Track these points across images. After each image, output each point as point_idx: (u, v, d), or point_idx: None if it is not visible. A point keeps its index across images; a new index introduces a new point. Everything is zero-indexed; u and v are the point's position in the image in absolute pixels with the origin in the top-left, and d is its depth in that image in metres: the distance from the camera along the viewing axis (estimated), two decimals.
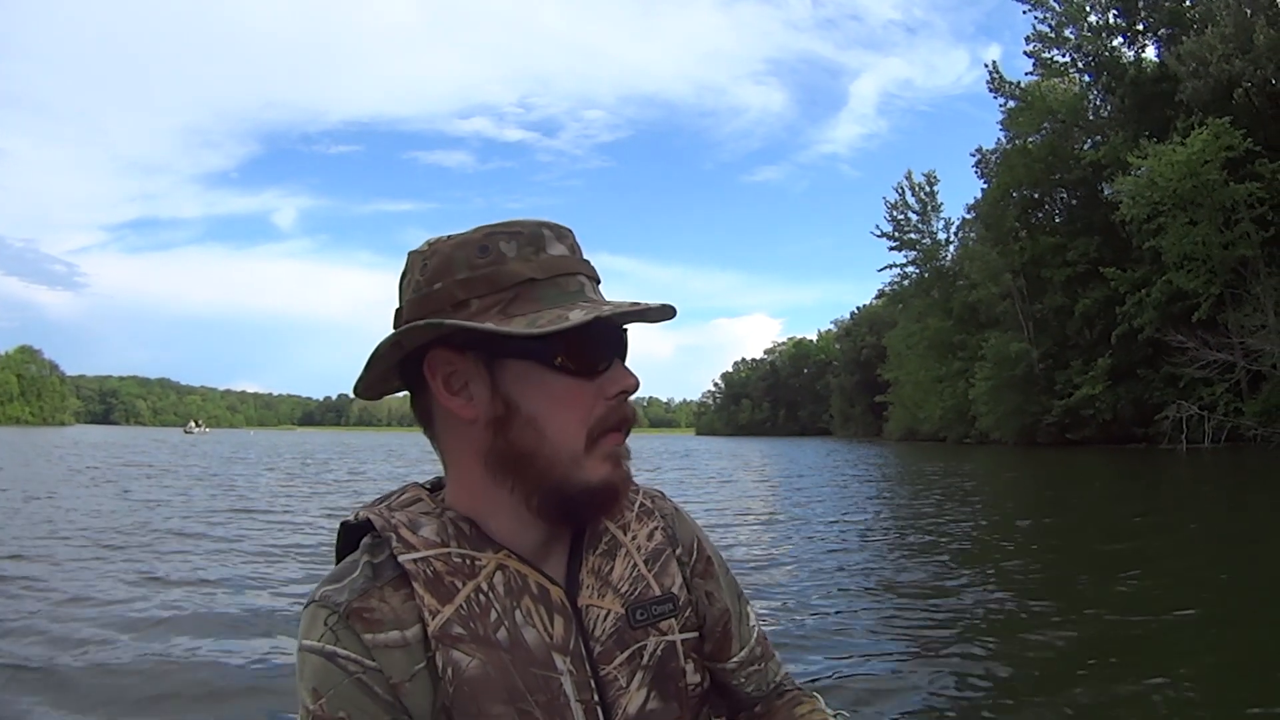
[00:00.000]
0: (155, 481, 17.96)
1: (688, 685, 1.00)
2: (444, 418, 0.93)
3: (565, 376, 0.89)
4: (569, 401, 0.89)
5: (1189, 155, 28.00)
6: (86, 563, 7.50)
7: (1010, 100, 43.43)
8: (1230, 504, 13.86)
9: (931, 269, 57.03)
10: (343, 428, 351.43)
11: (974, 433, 48.30)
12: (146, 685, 4.13)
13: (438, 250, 0.92)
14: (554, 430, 0.89)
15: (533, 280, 0.88)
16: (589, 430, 0.89)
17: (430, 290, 0.90)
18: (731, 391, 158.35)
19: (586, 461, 0.89)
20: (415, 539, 0.89)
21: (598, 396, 0.90)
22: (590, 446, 0.89)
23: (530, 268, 0.89)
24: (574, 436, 0.89)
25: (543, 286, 0.89)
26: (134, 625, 5.24)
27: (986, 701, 3.89)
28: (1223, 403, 29.64)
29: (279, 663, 4.39)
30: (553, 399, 0.89)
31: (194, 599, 6.00)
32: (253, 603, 5.97)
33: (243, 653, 4.66)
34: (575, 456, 0.89)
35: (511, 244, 0.90)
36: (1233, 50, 28.37)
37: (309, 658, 0.84)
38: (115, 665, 4.44)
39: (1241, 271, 29.96)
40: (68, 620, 5.36)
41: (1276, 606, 5.64)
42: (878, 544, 9.26)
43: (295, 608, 4.87)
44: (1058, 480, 19.45)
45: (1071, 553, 8.41)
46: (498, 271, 0.89)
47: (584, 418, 0.89)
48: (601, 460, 0.90)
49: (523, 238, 0.91)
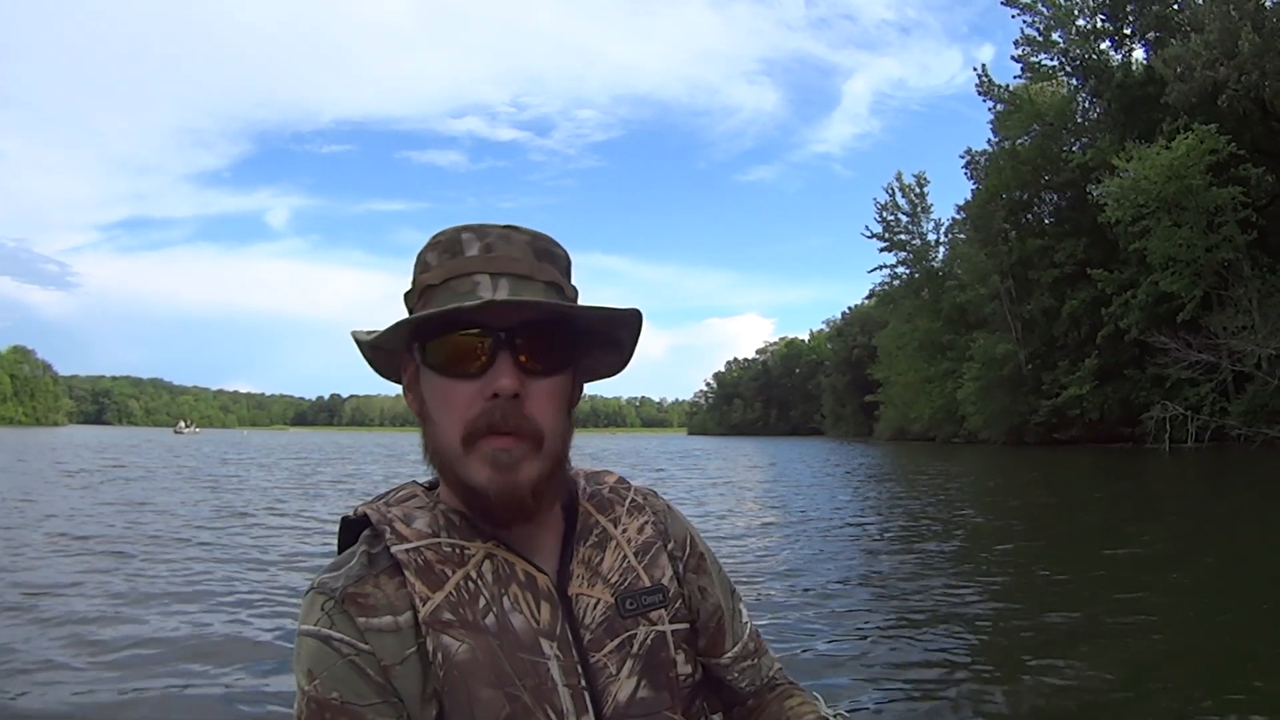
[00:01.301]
0: (131, 486, 17.22)
1: (678, 675, 1.02)
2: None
3: (443, 377, 0.93)
4: (444, 401, 0.93)
5: (1173, 159, 28.34)
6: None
7: (999, 103, 43.72)
8: (1198, 499, 14.32)
9: (921, 270, 57.38)
10: (335, 428, 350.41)
11: (963, 432, 48.75)
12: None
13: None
14: (440, 427, 0.94)
15: (431, 286, 0.94)
16: (464, 431, 0.91)
17: (406, 298, 1.01)
18: (724, 391, 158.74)
19: (467, 462, 0.91)
20: (409, 531, 0.94)
21: (477, 397, 0.91)
22: (468, 448, 0.91)
23: (432, 275, 0.95)
24: (451, 435, 0.92)
25: (438, 291, 0.93)
26: (96, 644, 4.92)
27: (977, 695, 4.01)
28: (1208, 403, 29.95)
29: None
30: (435, 398, 0.95)
31: (159, 618, 5.59)
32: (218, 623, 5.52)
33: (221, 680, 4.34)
34: (456, 455, 0.92)
35: (433, 253, 0.96)
36: (1218, 55, 28.61)
37: (305, 640, 0.88)
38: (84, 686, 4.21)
39: (1224, 274, 30.31)
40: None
41: (1236, 593, 5.95)
42: (865, 542, 9.47)
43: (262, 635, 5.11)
44: (1037, 479, 19.68)
45: (1046, 547, 8.70)
46: (418, 280, 0.97)
47: (459, 418, 0.92)
48: (480, 463, 0.91)
49: (441, 245, 0.96)
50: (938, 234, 57.59)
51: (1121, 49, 38.45)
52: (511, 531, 0.96)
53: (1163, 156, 28.59)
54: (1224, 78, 28.68)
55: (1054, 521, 11.18)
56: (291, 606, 5.78)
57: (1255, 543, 8.76)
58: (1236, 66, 28.20)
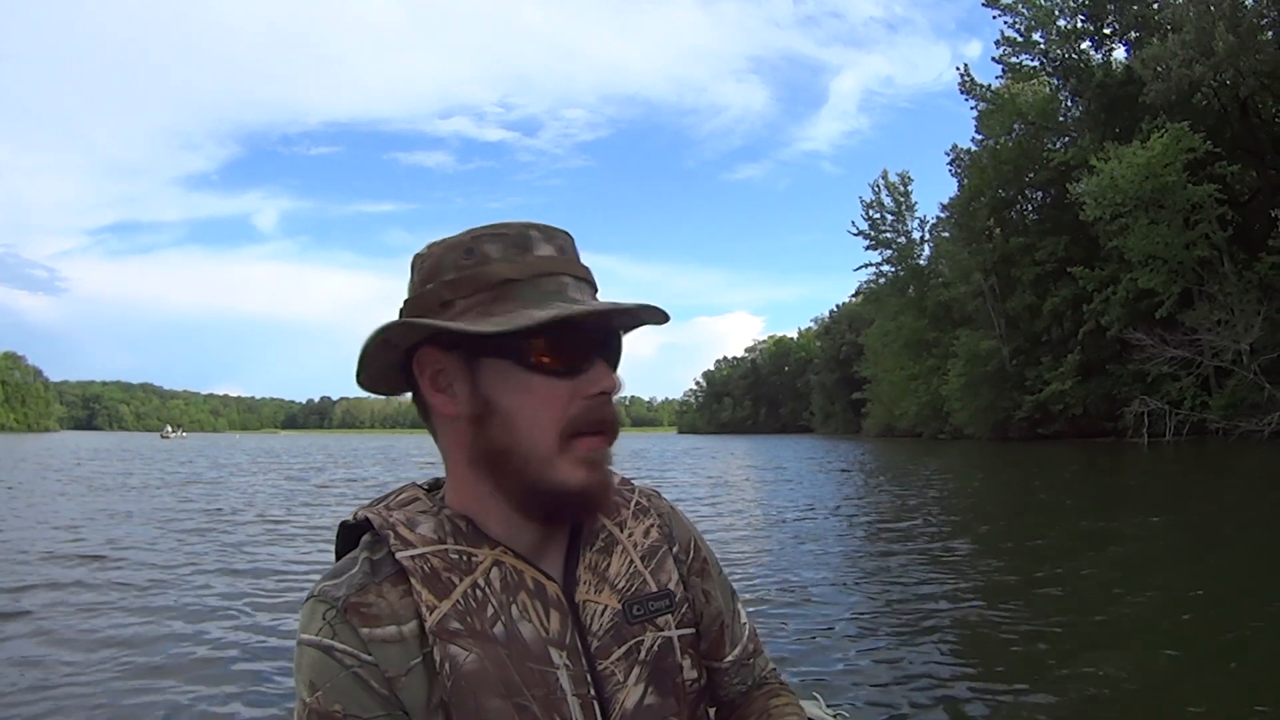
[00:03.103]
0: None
1: (685, 681, 1.00)
2: (436, 415, 0.95)
3: (539, 375, 0.89)
4: (541, 399, 0.89)
5: (1149, 158, 28.80)
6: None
7: (981, 102, 44.04)
8: (1159, 490, 14.86)
9: (907, 268, 57.67)
10: (326, 430, 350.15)
11: (948, 428, 49.22)
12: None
13: (431, 252, 0.94)
14: (526, 428, 0.89)
15: (512, 281, 0.90)
16: (561, 430, 0.89)
17: (422, 291, 0.93)
18: (713, 390, 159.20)
19: (560, 462, 0.90)
20: (413, 536, 0.90)
21: (574, 396, 0.90)
22: (564, 447, 0.90)
23: (511, 269, 0.90)
24: (546, 434, 0.89)
25: (521, 287, 0.90)
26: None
27: (968, 689, 4.09)
28: (1189, 397, 30.44)
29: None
30: (526, 396, 0.89)
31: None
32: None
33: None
34: (548, 455, 0.89)
35: (496, 245, 0.92)
36: (1194, 55, 28.98)
37: (306, 651, 0.85)
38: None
39: (1199, 271, 30.77)
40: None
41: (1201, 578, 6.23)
42: (851, 540, 9.72)
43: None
44: (1017, 477, 19.90)
45: (1015, 539, 9.05)
46: (480, 273, 0.90)
47: (557, 416, 0.89)
48: (577, 464, 0.90)
49: (508, 239, 0.92)
50: (922, 232, 57.90)
51: (1102, 48, 38.78)
52: (519, 538, 0.94)
53: (1139, 155, 29.02)
54: (1200, 76, 29.02)
55: (1032, 516, 11.48)
56: (276, 613, 5.90)
57: (1212, 528, 9.12)
58: (1213, 66, 28.56)
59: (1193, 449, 26.18)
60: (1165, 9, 33.28)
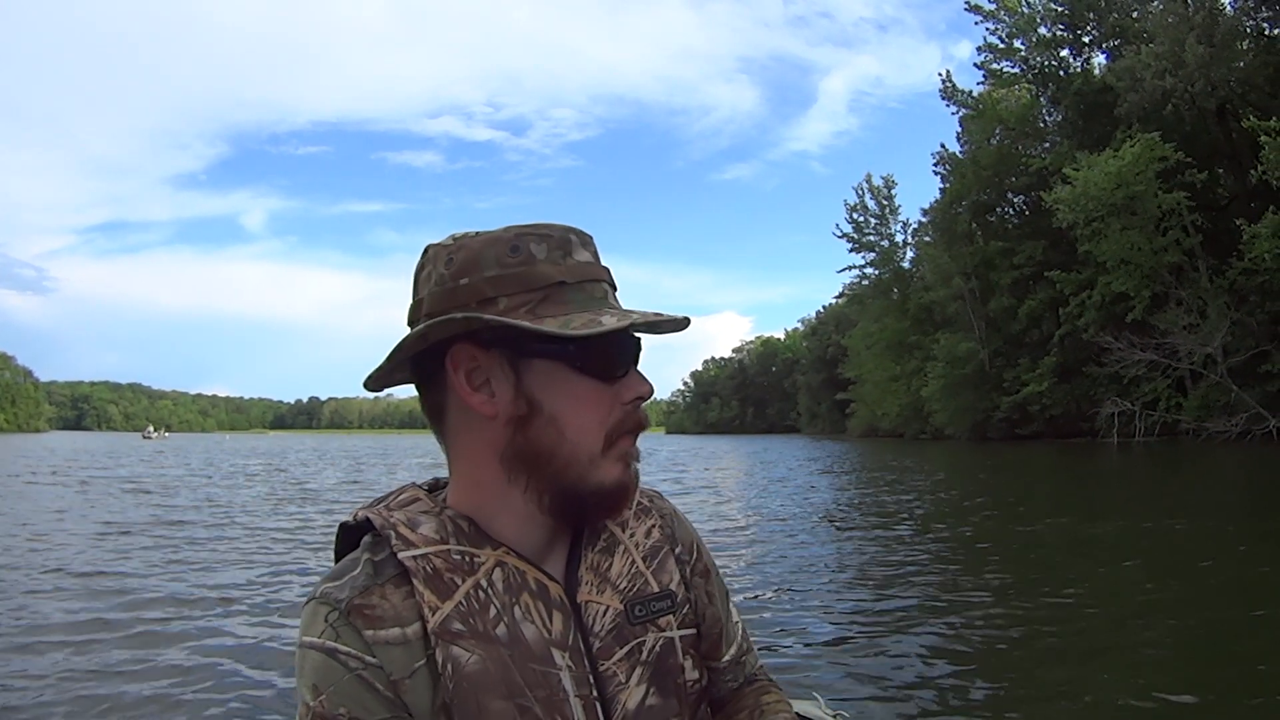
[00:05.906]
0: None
1: (686, 682, 1.00)
2: (460, 413, 0.93)
3: (588, 379, 0.90)
4: (591, 404, 0.90)
5: (1120, 167, 29.55)
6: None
7: (962, 108, 44.80)
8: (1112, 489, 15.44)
9: (890, 270, 58.34)
10: (314, 431, 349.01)
11: (929, 429, 50.00)
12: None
13: (465, 245, 0.91)
14: (574, 431, 0.90)
15: (562, 284, 0.90)
16: (607, 432, 0.91)
17: (456, 285, 0.90)
18: (700, 390, 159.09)
19: (602, 462, 0.91)
20: (414, 536, 0.90)
21: (615, 400, 0.91)
22: (607, 448, 0.91)
23: (560, 271, 0.90)
24: (593, 437, 0.90)
25: (571, 290, 0.90)
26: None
27: (959, 688, 4.11)
28: (1163, 399, 31.23)
29: None
30: (575, 400, 0.90)
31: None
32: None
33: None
34: (593, 457, 0.90)
35: (542, 246, 0.91)
36: (1166, 66, 29.72)
37: (309, 654, 0.85)
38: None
39: (1168, 277, 31.51)
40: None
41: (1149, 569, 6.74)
42: (837, 535, 9.88)
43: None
44: (989, 479, 20.54)
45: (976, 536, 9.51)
46: (528, 272, 0.89)
47: (603, 420, 0.91)
48: (615, 462, 0.92)
49: (553, 241, 0.92)
50: (905, 235, 58.56)
51: (1080, 56, 39.47)
52: (529, 538, 0.94)
53: (1110, 165, 29.77)
54: (1172, 88, 29.76)
55: (1010, 514, 11.83)
56: (272, 616, 5.86)
57: (1154, 522, 9.57)
58: (1184, 77, 29.28)
59: (1161, 449, 26.82)
60: (1143, 19, 33.90)
